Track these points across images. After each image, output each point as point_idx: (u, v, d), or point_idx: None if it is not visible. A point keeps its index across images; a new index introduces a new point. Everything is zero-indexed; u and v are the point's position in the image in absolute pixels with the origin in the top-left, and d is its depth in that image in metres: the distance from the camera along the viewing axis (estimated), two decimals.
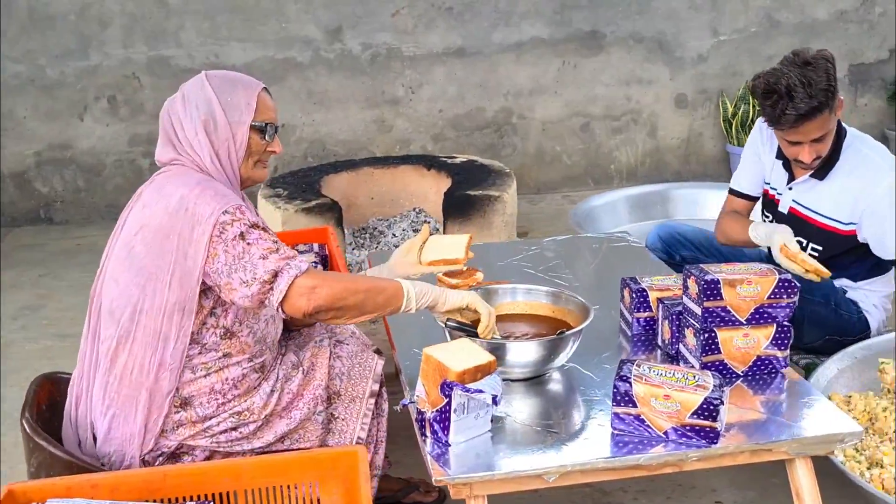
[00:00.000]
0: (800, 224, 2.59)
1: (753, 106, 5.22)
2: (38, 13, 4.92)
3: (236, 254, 1.75)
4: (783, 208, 2.65)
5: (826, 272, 2.34)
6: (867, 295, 2.61)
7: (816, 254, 2.57)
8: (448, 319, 1.96)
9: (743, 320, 2.01)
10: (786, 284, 2.00)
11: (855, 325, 2.58)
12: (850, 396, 2.38)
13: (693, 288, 2.03)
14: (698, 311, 2.00)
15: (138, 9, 4.94)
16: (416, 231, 4.04)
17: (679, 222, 3.10)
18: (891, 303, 2.70)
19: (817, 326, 2.47)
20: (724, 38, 5.40)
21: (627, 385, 1.78)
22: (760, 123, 2.70)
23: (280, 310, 1.76)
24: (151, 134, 4.80)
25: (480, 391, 1.75)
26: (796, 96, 2.29)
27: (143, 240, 1.83)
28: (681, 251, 2.89)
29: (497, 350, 1.97)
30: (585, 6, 5.22)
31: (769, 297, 2.00)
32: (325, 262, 3.04)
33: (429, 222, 4.13)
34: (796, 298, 2.02)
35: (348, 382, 2.06)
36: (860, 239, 2.52)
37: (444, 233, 3.80)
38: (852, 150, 2.51)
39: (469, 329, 1.95)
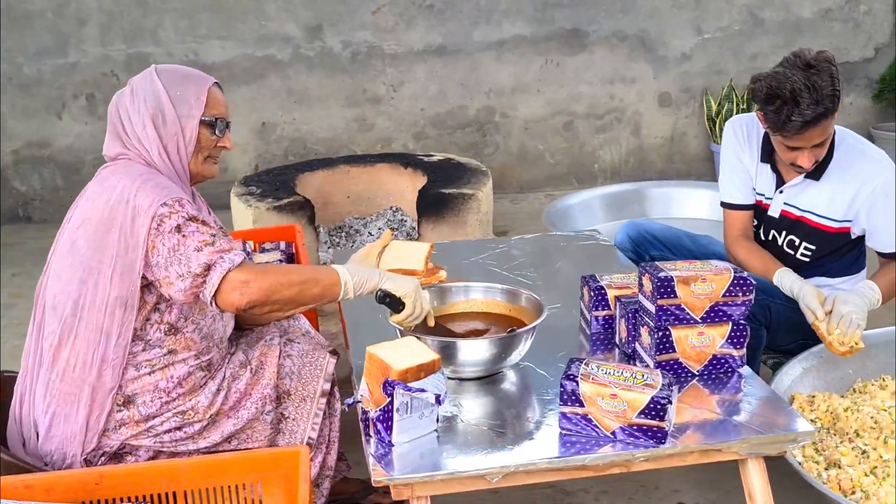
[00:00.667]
0: (792, 225, 2.55)
1: (737, 104, 5.19)
2: (15, 11, 4.89)
3: (171, 246, 1.73)
4: (774, 212, 2.59)
5: (859, 346, 2.24)
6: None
7: (809, 253, 2.54)
8: (379, 290, 1.91)
9: (698, 318, 1.98)
10: (741, 282, 1.97)
11: None
12: (813, 396, 2.35)
13: (647, 285, 2.00)
14: (652, 308, 1.97)
15: (116, 6, 4.91)
16: (392, 230, 4.01)
17: (648, 219, 3.05)
18: None
19: (790, 331, 2.44)
20: (708, 37, 5.37)
21: (574, 384, 1.75)
22: (733, 125, 2.65)
23: (213, 304, 1.73)
24: None
25: (423, 390, 1.72)
26: (802, 102, 2.20)
27: (84, 234, 1.81)
28: (650, 250, 2.86)
29: (448, 348, 1.94)
30: (567, 4, 5.19)
31: (724, 295, 1.97)
32: (292, 260, 3.01)
33: (405, 220, 4.10)
34: (752, 296, 1.98)
35: (299, 382, 2.03)
36: (854, 233, 2.49)
37: (419, 232, 3.77)
38: (845, 146, 2.47)
39: (393, 305, 1.93)
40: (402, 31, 5.14)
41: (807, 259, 2.57)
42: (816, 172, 2.47)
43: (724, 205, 2.71)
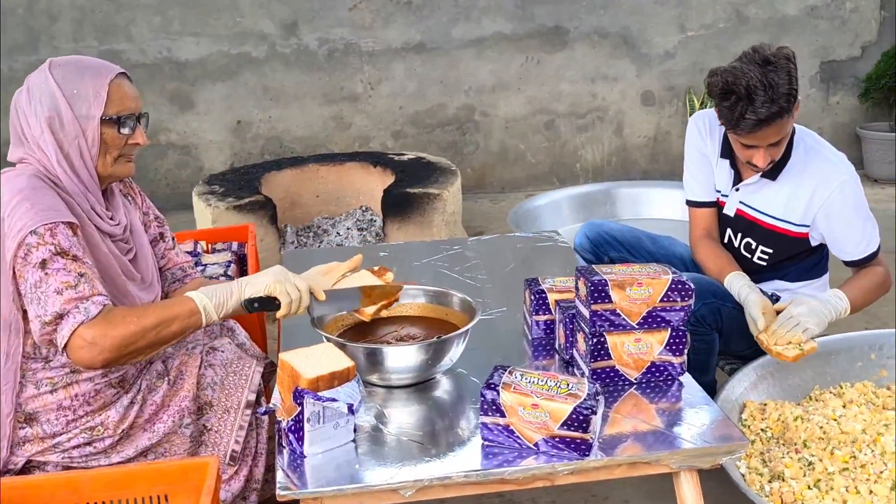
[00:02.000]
0: (748, 226, 2.47)
1: None
2: None
3: (34, 282, 1.61)
4: (729, 210, 2.51)
5: (809, 348, 2.16)
6: None
7: (767, 256, 2.46)
8: (244, 300, 1.79)
9: (634, 324, 1.89)
10: (679, 286, 1.88)
11: None
12: (765, 404, 2.27)
13: (582, 290, 1.92)
14: (587, 313, 1.89)
15: (88, 2, 4.85)
16: (360, 230, 3.94)
17: (607, 220, 2.96)
18: None
19: (744, 336, 2.36)
20: (692, 34, 5.28)
21: (495, 393, 1.67)
22: (696, 119, 2.57)
23: (68, 357, 1.63)
24: None
25: (334, 399, 1.64)
26: (757, 99, 2.13)
27: None
28: (609, 252, 2.77)
29: (373, 355, 1.86)
30: (548, 1, 5.11)
31: (662, 300, 1.88)
32: (243, 261, 2.94)
33: (374, 220, 4.03)
34: (691, 301, 1.90)
35: (221, 392, 1.94)
36: (813, 240, 2.41)
37: (385, 232, 3.69)
38: (803, 147, 2.38)
39: (268, 305, 1.81)
40: (380, 28, 5.07)
41: (764, 263, 2.48)
42: (773, 172, 2.39)
43: (688, 203, 2.63)
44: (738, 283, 2.33)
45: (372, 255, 2.77)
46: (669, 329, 1.91)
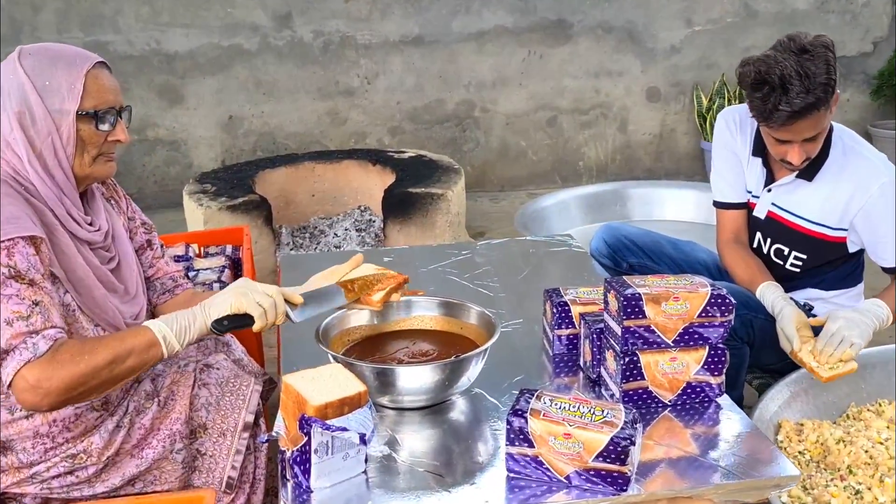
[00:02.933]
0: (780, 230, 2.31)
1: (729, 100, 4.95)
2: None
3: None
4: (759, 212, 2.35)
5: (848, 369, 2.00)
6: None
7: (800, 262, 2.30)
8: (212, 324, 1.59)
9: (670, 342, 1.74)
10: (719, 301, 1.73)
11: None
12: (801, 424, 2.11)
13: (613, 304, 1.75)
14: (618, 330, 1.73)
15: None
16: (359, 231, 3.77)
17: (627, 223, 2.80)
18: None
19: (776, 349, 2.21)
20: (699, 29, 5.13)
21: (522, 421, 1.51)
22: (725, 116, 2.42)
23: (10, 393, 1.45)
24: None
25: (345, 429, 1.47)
26: (791, 90, 1.98)
27: None
28: (628, 258, 2.62)
29: (384, 375, 1.70)
30: None
31: (700, 316, 1.73)
32: (238, 265, 2.77)
33: (373, 220, 3.85)
34: (731, 317, 1.74)
35: (217, 414, 1.78)
36: (853, 244, 2.26)
37: (385, 233, 3.52)
38: (841, 146, 2.22)
39: (240, 322, 1.60)
40: (377, 20, 4.89)
41: (797, 269, 2.33)
42: (809, 172, 2.23)
43: (716, 204, 2.47)
44: (771, 295, 2.17)
45: (374, 261, 2.59)
46: (707, 347, 1.76)
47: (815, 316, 2.30)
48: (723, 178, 2.42)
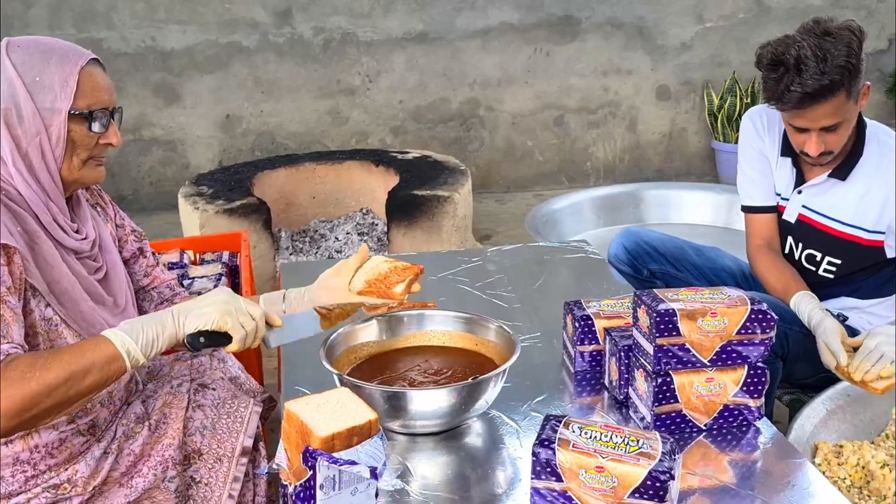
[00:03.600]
0: (812, 233, 2.17)
1: (741, 98, 4.82)
2: None
3: None
4: (790, 216, 2.21)
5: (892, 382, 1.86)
6: (871, 322, 2.19)
7: (834, 268, 2.17)
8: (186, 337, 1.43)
9: (706, 361, 1.60)
10: (760, 316, 1.59)
11: None
12: (840, 446, 1.97)
13: (644, 320, 1.61)
14: (650, 349, 1.59)
15: None
16: (361, 235, 3.63)
17: (647, 228, 2.65)
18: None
19: (810, 363, 2.07)
20: (710, 25, 5.00)
21: (550, 452, 1.37)
22: (751, 115, 2.28)
23: None
24: None
25: (353, 462, 1.33)
26: (805, 70, 1.87)
27: None
28: (649, 265, 2.48)
29: (395, 399, 1.55)
30: None
31: (739, 332, 1.59)
32: (235, 272, 2.62)
33: (376, 224, 3.71)
34: (773, 333, 1.60)
35: (213, 438, 1.64)
36: (889, 250, 2.11)
37: (389, 238, 3.38)
38: (877, 143, 2.08)
39: (217, 340, 1.46)
40: (379, 16, 4.76)
41: (831, 276, 2.19)
42: (842, 171, 2.09)
43: (744, 209, 2.33)
44: (807, 306, 2.03)
45: None
46: (746, 366, 1.62)
47: (848, 325, 2.17)
48: (751, 181, 2.28)
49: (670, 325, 1.57)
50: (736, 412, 1.64)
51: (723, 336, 1.59)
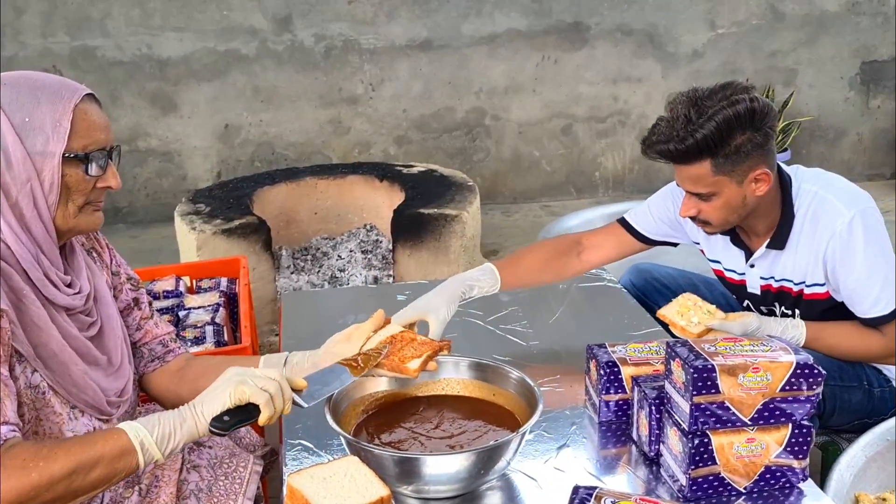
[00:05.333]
0: (784, 299, 2.04)
1: None
2: None
3: None
4: (753, 289, 2.08)
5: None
6: None
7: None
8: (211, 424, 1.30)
9: (747, 420, 1.46)
10: (806, 371, 1.45)
11: (887, 402, 2.04)
12: (884, 499, 1.83)
13: (678, 374, 1.48)
14: (686, 407, 1.45)
15: None
16: (365, 253, 3.49)
17: (656, 264, 2.52)
18: None
19: (849, 413, 1.94)
20: (723, 32, 4.87)
21: None
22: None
23: None
24: None
25: None
26: (673, 127, 1.79)
27: None
28: (659, 301, 2.34)
29: (407, 463, 1.42)
30: None
31: (783, 389, 1.45)
32: (234, 300, 2.49)
33: (380, 241, 3.58)
34: (820, 390, 1.47)
35: (209, 501, 1.51)
36: (838, 298, 1.97)
37: (394, 258, 3.25)
38: (808, 205, 1.93)
39: (244, 416, 1.32)
40: (383, 23, 4.62)
41: None
42: (778, 241, 1.96)
43: (621, 221, 2.22)
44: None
45: (388, 298, 2.32)
46: (790, 425, 1.48)
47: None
48: (649, 214, 2.17)
49: (709, 383, 1.43)
50: (778, 474, 1.50)
51: (765, 393, 1.45)
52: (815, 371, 1.46)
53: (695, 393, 1.44)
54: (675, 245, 2.23)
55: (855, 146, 5.13)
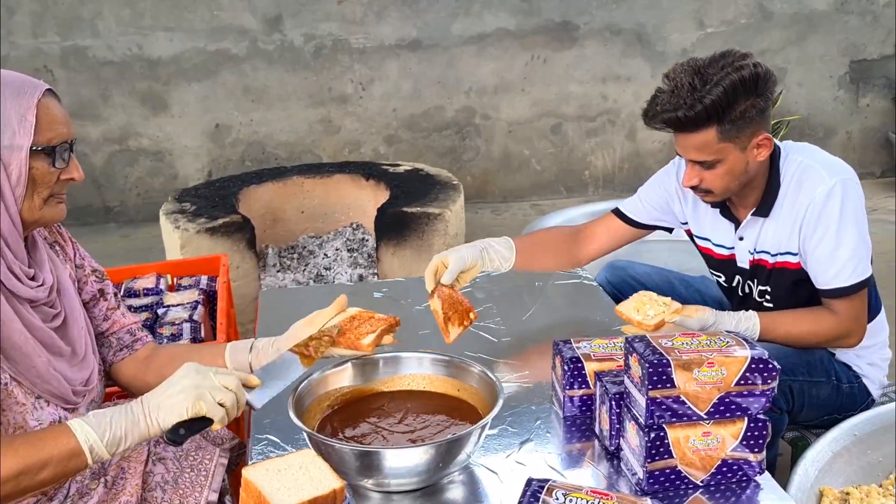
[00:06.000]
0: (761, 272, 2.06)
1: None
2: None
3: None
4: (742, 263, 2.09)
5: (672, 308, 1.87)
6: (859, 353, 2.08)
7: (773, 299, 2.05)
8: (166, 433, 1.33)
9: (703, 414, 1.48)
10: (761, 365, 1.47)
11: (856, 397, 2.06)
12: (847, 493, 1.86)
13: (636, 369, 1.50)
14: (642, 401, 1.48)
15: None
16: (351, 251, 3.52)
17: (631, 261, 2.54)
18: (889, 351, 2.16)
19: (818, 408, 1.96)
20: (712, 31, 4.88)
21: None
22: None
23: None
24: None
25: None
26: (677, 96, 1.80)
27: None
28: None
29: (369, 457, 1.44)
30: None
31: (738, 383, 1.47)
32: (213, 298, 2.51)
33: (367, 239, 3.60)
34: (775, 384, 1.49)
35: (174, 493, 1.53)
36: (806, 269, 1.99)
37: (378, 256, 3.27)
38: (793, 170, 1.96)
39: (197, 427, 1.34)
40: (372, 22, 4.64)
41: (771, 306, 2.06)
42: (763, 209, 1.98)
43: (615, 211, 2.28)
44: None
45: (366, 295, 2.35)
46: (746, 419, 1.50)
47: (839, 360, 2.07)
48: (641, 202, 2.22)
49: (664, 377, 1.45)
50: (735, 467, 1.52)
51: (720, 387, 1.47)
52: (770, 366, 1.48)
53: (650, 387, 1.46)
54: (669, 230, 2.28)
55: (844, 145, 5.14)
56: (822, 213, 1.89)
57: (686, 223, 2.19)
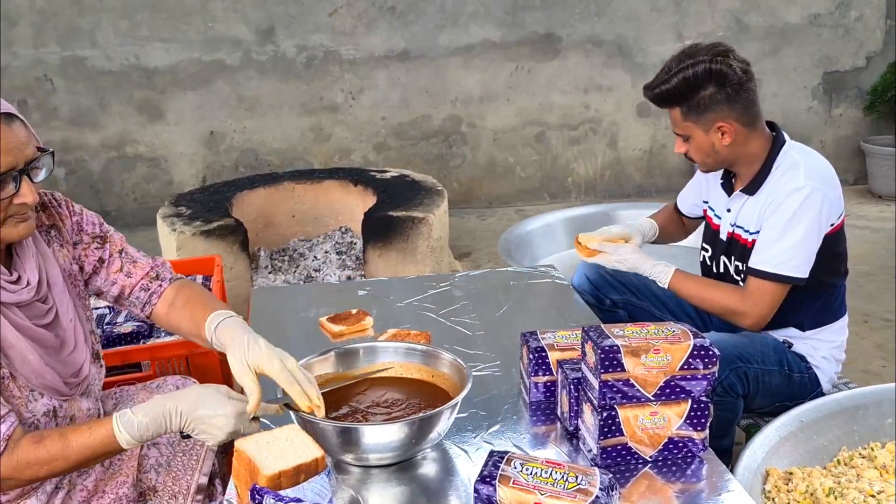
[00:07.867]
0: (736, 247, 2.23)
1: None
2: None
3: None
4: (723, 234, 2.28)
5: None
6: (816, 347, 2.24)
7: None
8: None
9: (650, 396, 1.64)
10: (702, 352, 1.63)
11: (806, 386, 2.22)
12: (790, 473, 2.01)
13: (591, 355, 1.66)
14: (596, 384, 1.63)
15: (49, 5, 4.55)
16: (340, 254, 3.67)
17: None
18: (843, 352, 2.33)
19: (770, 395, 2.12)
20: (690, 42, 5.02)
21: (490, 488, 1.41)
22: None
23: None
24: (66, 141, 4.42)
25: (299, 500, 1.37)
26: (661, 74, 2.13)
27: None
28: (611, 294, 2.53)
29: (348, 433, 1.60)
30: (539, 7, 4.86)
31: (682, 368, 1.63)
32: None
33: (355, 243, 3.76)
34: (715, 369, 1.65)
35: (167, 475, 1.67)
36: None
37: (365, 259, 3.42)
38: (786, 162, 2.15)
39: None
40: (362, 34, 4.80)
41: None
42: (751, 188, 2.18)
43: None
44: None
45: (350, 294, 2.51)
46: (690, 401, 1.66)
47: (794, 351, 2.24)
48: (688, 189, 2.54)
49: (615, 362, 1.61)
50: (680, 444, 1.68)
51: (666, 371, 1.63)
52: (711, 353, 1.64)
53: (602, 371, 1.62)
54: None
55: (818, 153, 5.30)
56: (781, 204, 2.07)
57: (707, 201, 2.40)
